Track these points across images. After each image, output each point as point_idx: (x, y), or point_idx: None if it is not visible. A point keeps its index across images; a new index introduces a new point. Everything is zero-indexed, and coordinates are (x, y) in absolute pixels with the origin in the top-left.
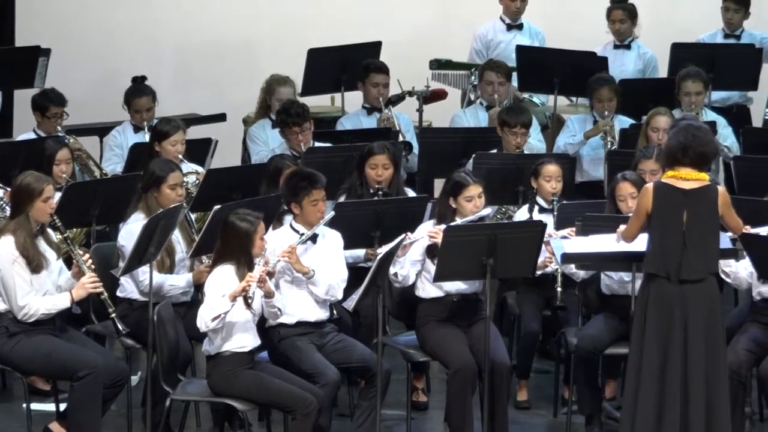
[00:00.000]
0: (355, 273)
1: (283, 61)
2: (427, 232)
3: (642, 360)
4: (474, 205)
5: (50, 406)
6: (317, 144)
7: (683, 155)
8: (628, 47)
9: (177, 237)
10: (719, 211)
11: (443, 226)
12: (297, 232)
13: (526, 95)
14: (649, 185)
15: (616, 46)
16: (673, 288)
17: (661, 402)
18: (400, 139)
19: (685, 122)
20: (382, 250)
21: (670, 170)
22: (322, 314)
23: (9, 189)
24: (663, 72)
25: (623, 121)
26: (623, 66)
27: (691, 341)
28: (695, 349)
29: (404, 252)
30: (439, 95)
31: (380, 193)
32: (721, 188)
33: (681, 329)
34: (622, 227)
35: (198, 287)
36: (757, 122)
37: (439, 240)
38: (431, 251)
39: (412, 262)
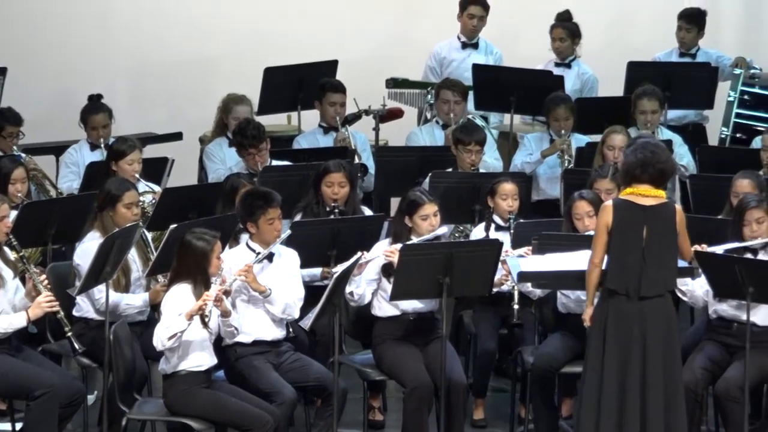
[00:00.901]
0: (312, 292)
1: (239, 80)
2: (383, 251)
3: (603, 378)
4: (429, 224)
5: (6, 426)
6: (274, 162)
7: (642, 172)
8: (568, 66)
9: (133, 256)
10: (677, 227)
11: (399, 245)
12: (253, 250)
13: (470, 115)
14: (608, 203)
15: (557, 65)
16: (632, 305)
17: (620, 420)
18: (356, 160)
19: (642, 140)
20: (339, 268)
21: (628, 187)
22: (278, 333)
23: None
24: (608, 92)
25: (580, 140)
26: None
27: (650, 358)
28: (654, 366)
29: (360, 271)
30: (395, 114)
31: (336, 211)
32: (678, 206)
33: (640, 346)
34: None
35: (154, 306)
36: (713, 141)
37: (394, 259)
38: (387, 270)
39: (368, 281)
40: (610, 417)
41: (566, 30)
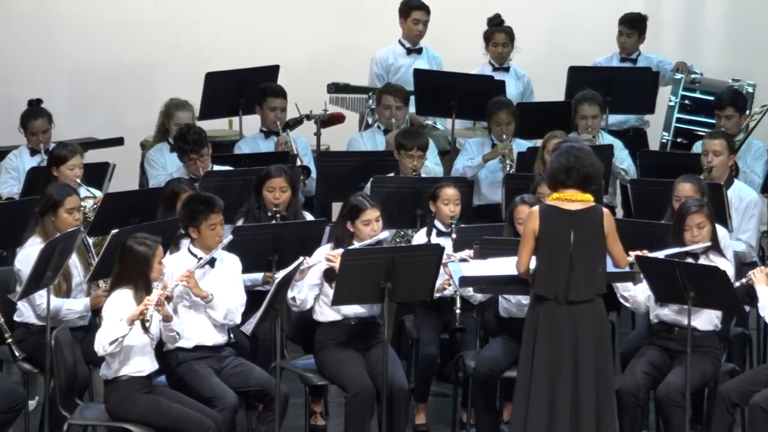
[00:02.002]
0: (253, 297)
1: (181, 85)
2: (325, 255)
3: (531, 382)
4: (371, 229)
5: None
6: (216, 167)
7: (567, 177)
8: (506, 70)
9: (74, 261)
10: (605, 231)
11: (341, 250)
12: (195, 256)
13: (429, 121)
14: (535, 208)
15: (494, 69)
16: (561, 309)
17: (550, 424)
18: (298, 163)
19: (566, 144)
20: (280, 274)
21: (555, 193)
22: (220, 338)
23: None
24: (549, 96)
25: (521, 145)
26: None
27: (582, 362)
28: (586, 369)
29: (302, 276)
30: (336, 119)
31: (278, 216)
32: (606, 210)
33: (571, 351)
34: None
35: (95, 311)
36: (653, 145)
37: (336, 264)
38: (329, 275)
39: (310, 286)
40: (539, 422)
41: (507, 35)
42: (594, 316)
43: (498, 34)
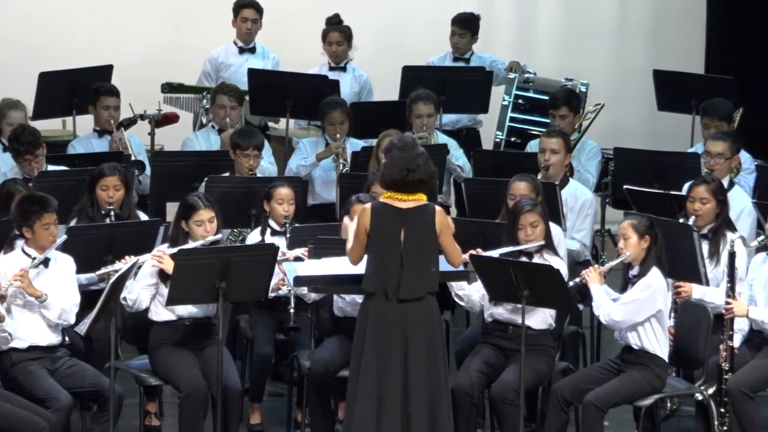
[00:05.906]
0: (88, 297)
1: (13, 85)
2: (152, 254)
3: (359, 379)
4: (204, 230)
5: None
6: (50, 167)
7: (395, 181)
8: (343, 69)
9: None
10: (437, 229)
11: (164, 247)
12: (29, 256)
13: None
14: (367, 205)
15: (331, 68)
16: (392, 307)
17: (378, 421)
18: (133, 158)
19: (395, 148)
20: (109, 268)
21: (387, 191)
22: (54, 339)
23: None
24: (383, 96)
25: (355, 144)
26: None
27: (413, 361)
28: (417, 368)
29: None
30: (170, 119)
31: (112, 215)
32: (439, 208)
33: (401, 348)
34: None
35: None
36: (487, 145)
37: (163, 263)
38: (164, 274)
39: (145, 285)
40: (366, 419)
41: (343, 34)
42: (425, 315)
43: (332, 33)
